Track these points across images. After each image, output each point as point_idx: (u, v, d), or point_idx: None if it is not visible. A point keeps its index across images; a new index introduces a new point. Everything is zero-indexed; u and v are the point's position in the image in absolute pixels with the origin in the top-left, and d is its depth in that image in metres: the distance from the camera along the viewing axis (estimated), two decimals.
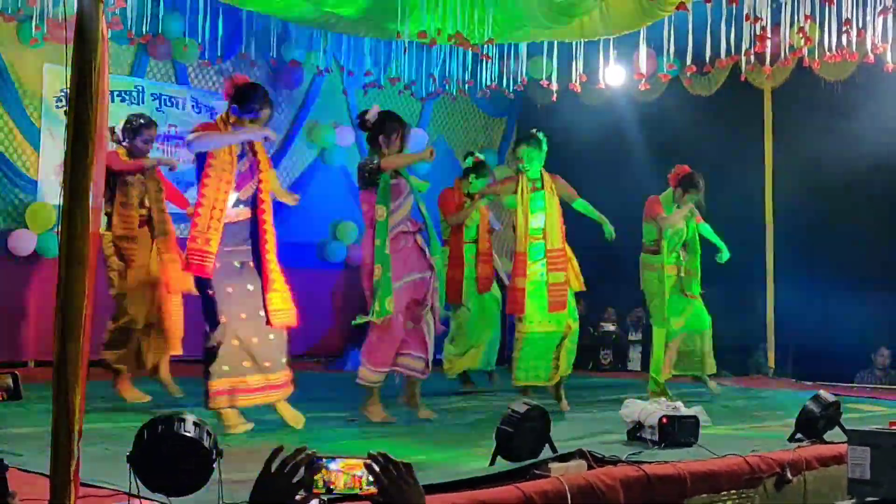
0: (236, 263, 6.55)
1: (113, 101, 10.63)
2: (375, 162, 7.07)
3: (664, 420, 5.93)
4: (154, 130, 8.14)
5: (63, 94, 10.51)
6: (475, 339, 9.46)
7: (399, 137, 7.24)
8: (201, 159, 6.41)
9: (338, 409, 7.62)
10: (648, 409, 6.13)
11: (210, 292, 6.44)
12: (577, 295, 8.43)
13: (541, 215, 8.12)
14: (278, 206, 11.81)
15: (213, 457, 3.88)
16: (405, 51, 10.88)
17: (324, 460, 2.75)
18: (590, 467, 5.00)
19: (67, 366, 3.31)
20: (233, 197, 6.47)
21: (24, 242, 10.18)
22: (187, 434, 3.86)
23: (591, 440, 6.13)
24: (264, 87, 6.86)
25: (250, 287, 6.55)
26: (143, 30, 9.93)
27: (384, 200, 7.06)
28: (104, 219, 7.75)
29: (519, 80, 11.14)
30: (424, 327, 7.27)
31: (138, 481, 3.87)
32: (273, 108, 6.85)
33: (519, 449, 5.06)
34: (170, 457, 3.84)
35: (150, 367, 8.00)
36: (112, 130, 7.87)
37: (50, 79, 10.45)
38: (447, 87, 11.31)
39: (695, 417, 6.10)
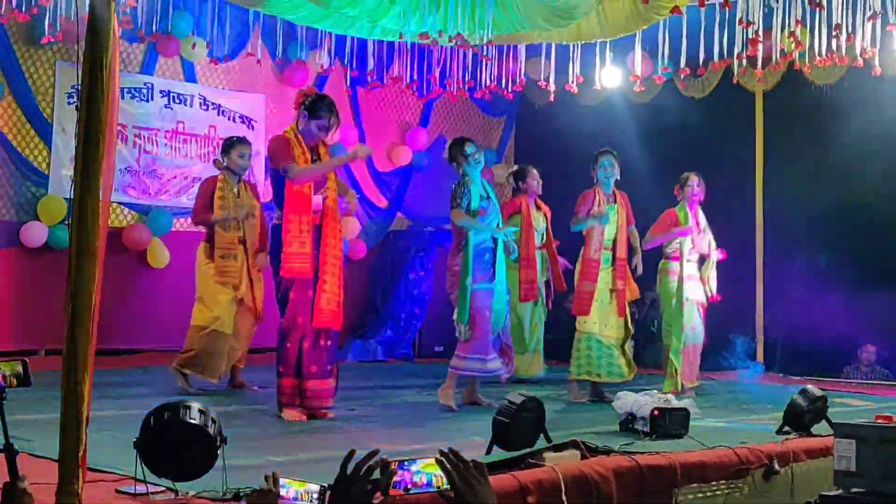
0: None
1: (123, 97, 10.63)
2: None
3: (656, 412, 5.95)
4: (247, 147, 8.49)
5: (74, 90, 10.51)
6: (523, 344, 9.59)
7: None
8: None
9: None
10: (640, 402, 6.13)
11: (292, 294, 6.62)
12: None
13: (612, 227, 8.43)
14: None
15: (218, 443, 3.89)
16: (407, 51, 10.89)
17: (405, 463, 2.77)
18: (583, 457, 5.02)
19: (77, 354, 3.32)
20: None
21: (35, 234, 10.18)
22: (192, 421, 3.87)
23: (584, 431, 6.14)
24: (330, 97, 7.12)
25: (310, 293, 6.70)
26: (153, 28, 9.95)
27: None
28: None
29: (517, 80, 11.12)
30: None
31: (144, 467, 3.89)
32: (338, 117, 7.08)
33: (515, 439, 5.06)
34: (175, 443, 3.86)
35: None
36: (215, 161, 8.47)
37: (62, 76, 10.44)
38: (447, 88, 11.28)
39: (685, 410, 6.11)
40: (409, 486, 2.80)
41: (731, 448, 5.59)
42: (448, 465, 2.65)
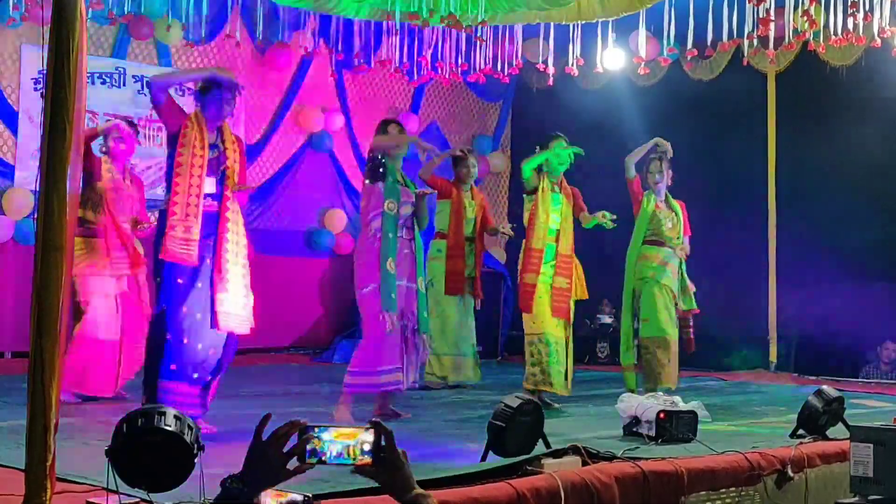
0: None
1: (93, 83, 10.62)
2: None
3: (661, 415, 5.95)
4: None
5: (41, 75, 10.47)
6: (452, 346, 9.31)
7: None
8: (171, 146, 6.36)
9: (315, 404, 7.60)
10: (645, 404, 6.14)
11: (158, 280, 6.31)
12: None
13: (557, 217, 8.24)
14: (266, 192, 11.98)
15: (195, 451, 3.88)
16: (396, 32, 10.87)
17: (316, 430, 2.73)
18: (584, 463, 5.00)
19: (43, 357, 3.31)
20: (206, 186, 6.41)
21: (1, 229, 10.16)
22: (168, 428, 3.85)
23: (585, 435, 6.14)
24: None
25: (200, 284, 6.35)
26: (125, 9, 9.91)
27: (393, 194, 7.09)
28: None
29: (514, 63, 11.11)
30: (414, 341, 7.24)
31: (117, 476, 3.87)
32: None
33: (511, 444, 5.05)
34: (150, 451, 3.84)
35: None
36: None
37: (27, 60, 10.43)
38: (440, 71, 11.26)
39: (693, 413, 6.11)
40: (321, 457, 2.76)
41: (741, 453, 5.57)
42: (382, 429, 2.61)
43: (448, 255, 9.03)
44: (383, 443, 2.49)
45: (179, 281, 6.22)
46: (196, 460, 3.89)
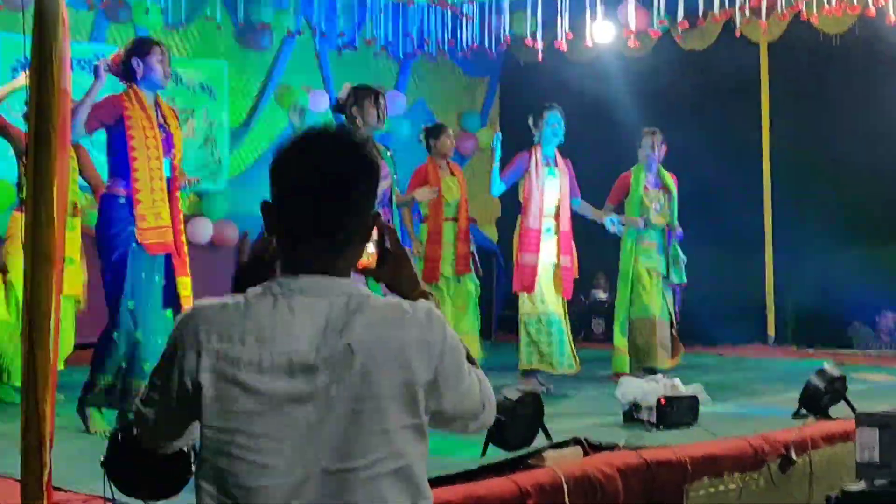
0: None
1: (72, 69, 10.53)
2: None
3: (662, 401, 5.97)
4: None
5: (18, 63, 10.42)
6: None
7: (373, 104, 7.08)
8: (118, 130, 6.05)
9: None
10: (645, 389, 6.15)
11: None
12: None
13: (554, 194, 8.23)
14: (252, 176, 11.94)
15: (193, 459, 3.88)
16: (381, 11, 10.83)
17: None
18: (586, 454, 5.04)
19: (36, 371, 3.29)
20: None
21: None
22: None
23: (585, 422, 6.16)
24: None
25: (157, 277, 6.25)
26: None
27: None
28: None
29: (502, 38, 11.07)
30: None
31: (113, 487, 3.88)
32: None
33: (512, 437, 5.07)
34: (145, 461, 3.84)
35: None
36: None
37: (5, 47, 10.36)
38: (426, 48, 11.22)
39: (694, 397, 6.15)
40: None
41: (744, 438, 5.60)
42: (385, 227, 2.61)
43: (427, 241, 8.70)
44: (387, 243, 2.48)
45: (143, 274, 6.09)
46: (192, 467, 3.89)
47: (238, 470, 2.14)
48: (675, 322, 8.87)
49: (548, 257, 8.18)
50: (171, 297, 6.21)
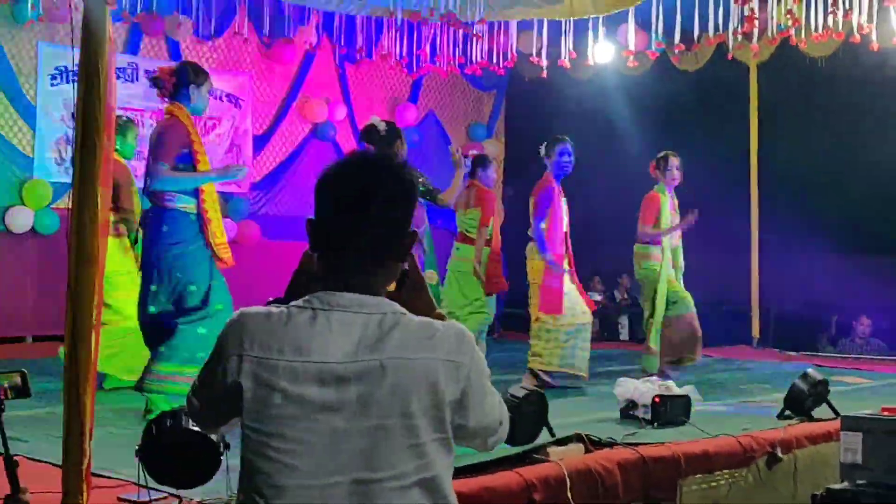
0: None
1: None
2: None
3: (657, 400, 5.95)
4: None
5: (58, 72, 10.43)
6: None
7: (403, 142, 7.22)
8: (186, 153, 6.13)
9: None
10: (641, 389, 6.14)
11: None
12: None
13: (566, 219, 8.24)
14: (273, 180, 11.95)
15: (221, 449, 3.87)
16: (396, 28, 10.82)
17: None
18: (587, 450, 5.01)
19: (78, 366, 3.29)
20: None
21: (20, 219, 10.12)
22: (195, 428, 3.84)
23: (584, 419, 6.14)
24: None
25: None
26: (137, 8, 9.85)
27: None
28: None
29: (509, 56, 11.06)
30: None
31: (146, 474, 3.86)
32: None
33: (518, 433, 5.03)
34: (177, 451, 3.83)
35: None
36: None
37: (45, 57, 10.35)
38: (437, 63, 11.21)
39: (686, 397, 6.12)
40: None
41: (733, 436, 5.59)
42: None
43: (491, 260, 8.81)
44: (406, 266, 2.46)
45: (221, 280, 6.24)
46: (222, 458, 3.88)
47: (271, 469, 2.13)
48: None
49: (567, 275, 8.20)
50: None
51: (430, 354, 2.19)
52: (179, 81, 6.26)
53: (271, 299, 2.58)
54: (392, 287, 2.45)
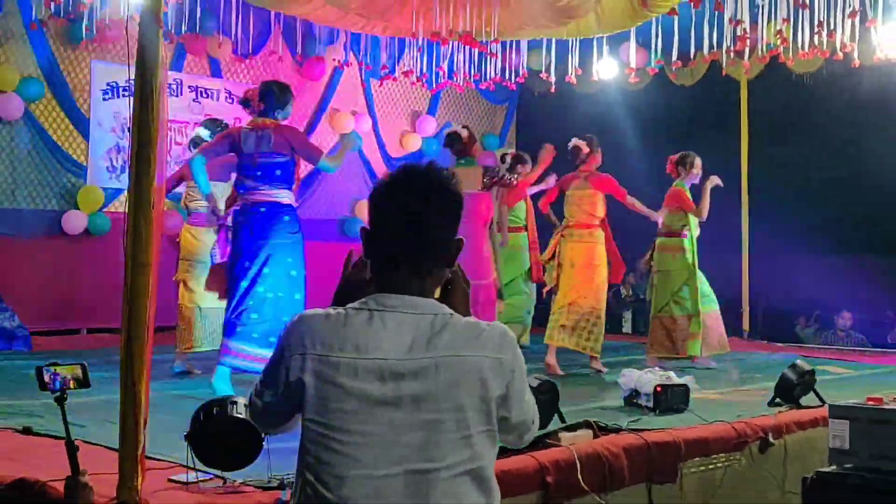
0: None
1: None
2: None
3: (658, 389, 5.93)
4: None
5: (109, 87, 10.45)
6: None
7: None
8: (291, 159, 6.43)
9: None
10: (644, 379, 6.11)
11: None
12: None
13: None
14: (305, 186, 11.95)
15: (263, 435, 3.87)
16: (417, 47, 10.80)
17: None
18: (595, 436, 5.00)
19: (133, 360, 3.29)
20: None
21: (75, 222, 10.15)
22: (238, 415, 3.85)
23: (592, 407, 6.12)
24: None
25: None
26: (182, 29, 9.86)
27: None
28: None
29: (520, 72, 11.04)
30: None
31: (195, 458, 3.87)
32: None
33: None
34: (223, 436, 3.83)
35: None
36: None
37: (97, 74, 10.38)
38: (455, 79, 11.20)
39: (685, 386, 6.10)
40: None
41: (729, 423, 5.57)
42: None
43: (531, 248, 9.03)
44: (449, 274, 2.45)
45: None
46: (263, 443, 3.88)
47: (334, 461, 2.12)
48: None
49: None
50: None
51: (477, 352, 2.18)
52: (267, 102, 6.43)
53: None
54: (437, 292, 2.46)
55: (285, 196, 6.38)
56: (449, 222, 2.26)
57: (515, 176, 8.91)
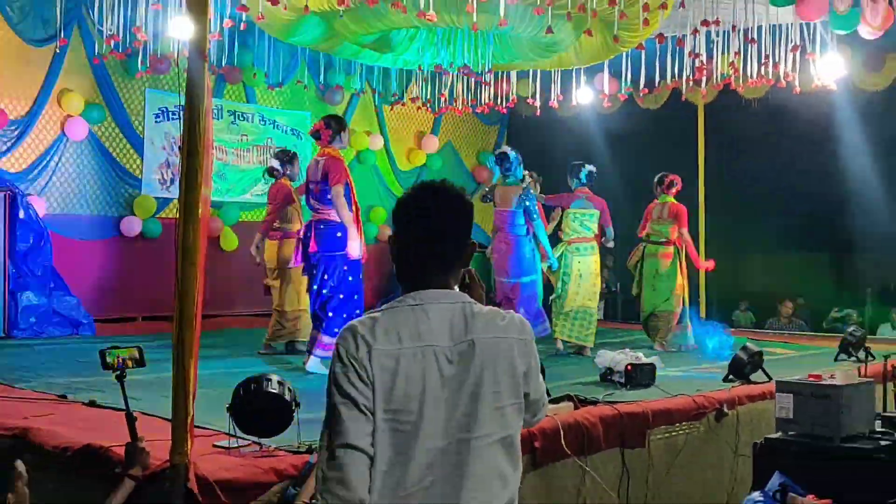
0: None
1: None
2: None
3: (629, 367, 5.93)
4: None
5: (160, 111, 10.44)
6: None
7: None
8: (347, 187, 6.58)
9: None
10: (617, 359, 6.11)
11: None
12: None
13: None
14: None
15: (293, 407, 3.87)
16: (423, 77, 10.80)
17: None
18: (576, 407, 4.99)
19: (184, 344, 3.29)
20: None
21: (132, 226, 10.13)
22: (272, 391, 3.85)
23: (572, 382, 6.12)
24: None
25: None
26: (222, 62, 9.85)
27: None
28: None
29: (510, 98, 11.03)
30: None
31: (235, 426, 3.86)
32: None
33: None
34: (259, 408, 3.83)
35: None
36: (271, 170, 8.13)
37: (150, 100, 10.35)
38: (454, 104, 11.19)
39: (652, 364, 6.09)
40: None
41: (689, 396, 5.57)
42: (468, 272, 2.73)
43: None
44: (466, 276, 2.51)
45: None
46: (294, 414, 3.88)
47: (401, 439, 2.06)
48: None
49: None
50: None
51: (506, 335, 2.17)
52: (328, 134, 6.63)
53: None
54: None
55: (330, 213, 6.60)
56: (465, 224, 2.25)
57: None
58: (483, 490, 2.08)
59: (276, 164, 8.14)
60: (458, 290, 2.28)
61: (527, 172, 8.37)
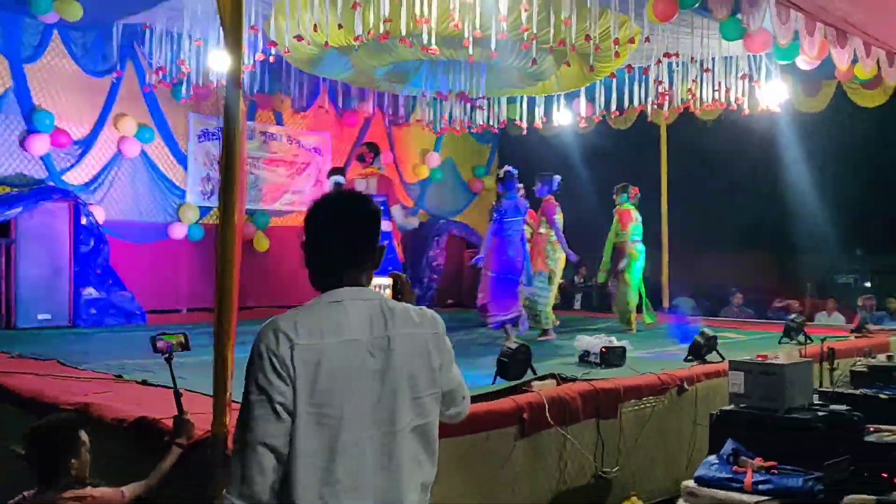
0: None
1: None
2: None
3: (603, 350, 5.91)
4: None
5: (202, 132, 10.43)
6: None
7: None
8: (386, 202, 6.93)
9: None
10: (593, 342, 6.09)
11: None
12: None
13: None
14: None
15: None
16: (427, 102, 10.79)
17: None
18: (558, 384, 4.98)
19: (223, 330, 3.27)
20: None
21: (178, 231, 10.14)
22: None
23: (556, 362, 6.11)
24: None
25: None
26: (255, 90, 9.85)
27: None
28: None
29: (501, 120, 11.02)
30: None
31: None
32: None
33: (512, 372, 5.02)
34: None
35: None
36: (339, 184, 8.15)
37: (193, 122, 10.35)
38: (453, 125, 11.18)
39: (623, 347, 6.07)
40: None
41: (655, 374, 5.55)
42: (399, 277, 2.59)
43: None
44: (398, 285, 2.43)
45: None
46: None
47: (325, 433, 1.88)
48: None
49: None
50: None
51: (422, 330, 2.04)
52: (374, 157, 7.17)
53: None
54: (390, 295, 2.38)
55: (385, 225, 6.59)
56: (370, 231, 2.09)
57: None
58: (403, 474, 1.94)
59: (335, 179, 8.20)
60: (390, 292, 2.21)
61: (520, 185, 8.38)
